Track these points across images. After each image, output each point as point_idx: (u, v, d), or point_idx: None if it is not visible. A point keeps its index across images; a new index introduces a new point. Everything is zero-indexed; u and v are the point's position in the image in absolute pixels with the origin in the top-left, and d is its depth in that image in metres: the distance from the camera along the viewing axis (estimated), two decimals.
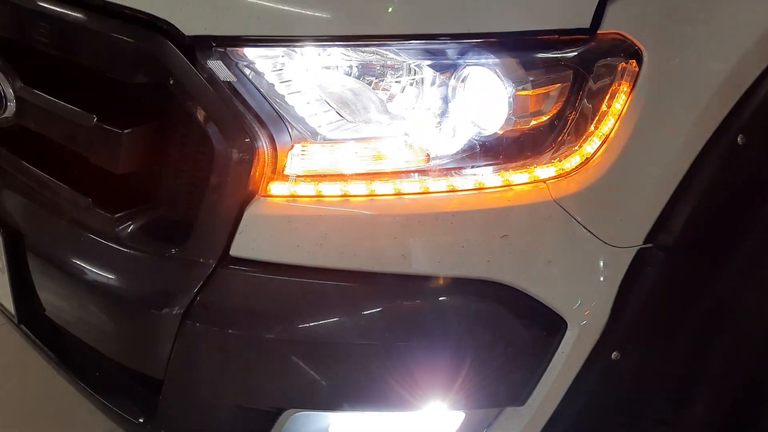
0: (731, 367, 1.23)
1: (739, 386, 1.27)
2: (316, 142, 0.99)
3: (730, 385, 1.25)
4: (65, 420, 1.88)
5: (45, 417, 1.88)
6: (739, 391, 1.28)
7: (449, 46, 0.96)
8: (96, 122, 1.07)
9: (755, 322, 1.21)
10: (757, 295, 1.18)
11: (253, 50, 0.96)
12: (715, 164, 1.03)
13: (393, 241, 0.98)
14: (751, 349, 1.24)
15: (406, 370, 1.01)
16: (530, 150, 0.99)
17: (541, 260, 1.00)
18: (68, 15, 1.06)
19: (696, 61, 1.02)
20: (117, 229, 1.10)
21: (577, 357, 1.04)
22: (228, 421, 1.11)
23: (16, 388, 1.97)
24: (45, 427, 1.85)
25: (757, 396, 1.34)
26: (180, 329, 1.03)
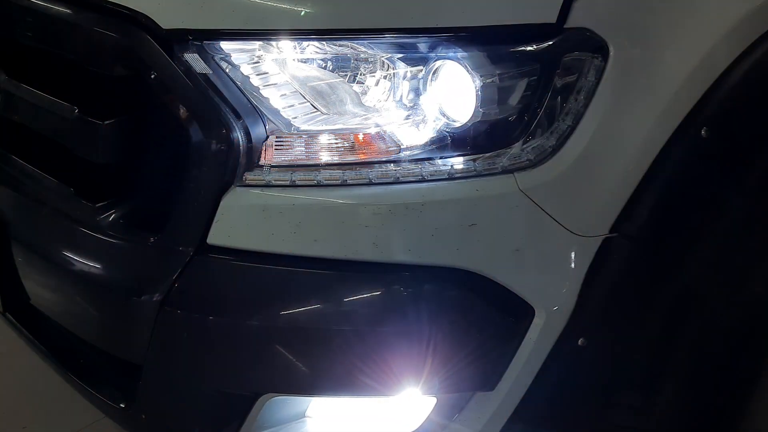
0: (699, 355, 1.26)
1: (708, 374, 1.30)
2: (291, 133, 1.02)
3: (698, 372, 1.28)
4: (54, 408, 1.90)
5: (34, 405, 1.90)
6: (708, 379, 1.31)
7: (420, 40, 0.98)
8: (77, 113, 1.10)
9: (721, 311, 1.24)
10: (722, 285, 1.21)
11: (228, 43, 0.99)
12: (679, 156, 1.05)
13: (365, 229, 1.01)
14: (718, 337, 1.27)
15: (378, 355, 1.04)
16: (498, 141, 1.01)
17: (508, 249, 1.03)
18: (50, 8, 1.09)
19: (661, 56, 1.04)
20: (98, 218, 1.12)
21: (545, 343, 1.07)
22: (206, 406, 1.13)
23: (3, 377, 1.98)
24: (34, 414, 1.87)
25: (725, 383, 1.37)
26: (159, 316, 1.06)
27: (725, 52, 1.06)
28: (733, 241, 1.15)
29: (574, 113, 1.01)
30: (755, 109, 1.10)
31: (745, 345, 1.36)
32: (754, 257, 1.22)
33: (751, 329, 1.33)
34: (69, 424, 1.86)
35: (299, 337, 1.04)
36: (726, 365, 1.34)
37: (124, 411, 1.21)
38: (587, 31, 1.00)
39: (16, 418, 1.86)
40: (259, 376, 1.08)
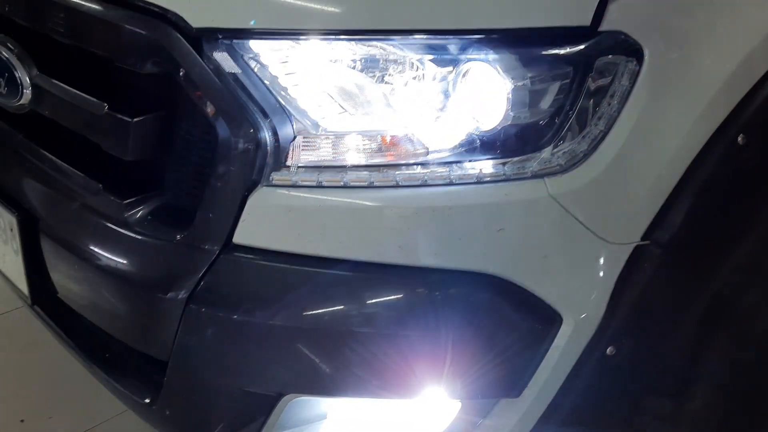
0: (730, 364, 1.24)
1: (739, 383, 1.28)
2: (318, 133, 1.02)
3: (729, 381, 1.26)
4: (79, 398, 1.94)
5: (61, 395, 1.94)
6: (738, 388, 1.29)
7: (451, 42, 0.97)
8: (107, 110, 1.11)
9: (754, 320, 1.22)
10: (756, 293, 1.19)
11: (258, 43, 0.99)
12: (714, 163, 1.04)
13: (391, 232, 1.00)
14: (750, 346, 1.25)
15: (402, 359, 1.04)
16: (528, 145, 1.00)
17: (536, 255, 1.02)
18: (82, 5, 1.09)
19: (698, 61, 1.02)
20: (126, 215, 1.13)
21: (572, 351, 1.06)
22: (229, 404, 1.14)
23: (33, 367, 2.03)
24: (61, 405, 1.91)
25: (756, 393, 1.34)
26: (184, 313, 1.07)
27: (764, 57, 1.04)
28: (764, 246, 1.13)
29: (607, 118, 1.00)
30: None
31: None
32: None
33: None
34: (93, 414, 1.90)
35: (324, 338, 1.04)
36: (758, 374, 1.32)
37: (148, 406, 1.22)
38: (622, 35, 0.98)
39: (42, 407, 1.90)
40: (283, 376, 1.08)
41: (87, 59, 1.17)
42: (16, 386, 1.97)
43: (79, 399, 1.94)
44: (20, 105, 1.26)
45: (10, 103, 1.27)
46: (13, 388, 1.96)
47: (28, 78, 1.23)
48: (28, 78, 1.23)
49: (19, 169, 1.32)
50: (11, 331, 2.17)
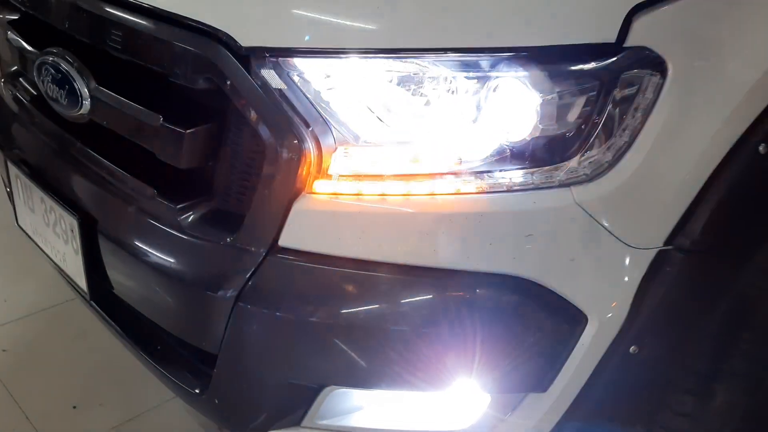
0: (752, 365, 1.28)
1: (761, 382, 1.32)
2: (358, 144, 1.08)
3: (751, 381, 1.30)
4: (128, 387, 2.02)
5: (110, 384, 2.03)
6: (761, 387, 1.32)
7: (482, 59, 1.02)
8: (162, 122, 1.19)
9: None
10: None
11: (302, 61, 1.05)
12: (735, 172, 1.08)
13: (426, 237, 1.07)
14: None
15: (436, 355, 1.10)
16: (556, 155, 1.05)
17: (563, 259, 1.07)
18: (140, 24, 1.17)
19: (720, 74, 1.06)
20: (179, 218, 1.21)
21: (597, 350, 1.11)
22: (274, 394, 1.22)
23: (82, 357, 2.12)
24: (110, 393, 2.00)
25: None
26: (233, 310, 1.14)
27: None
28: None
29: (631, 129, 1.05)
30: None
31: None
32: None
33: None
34: (141, 401, 1.98)
35: (362, 335, 1.11)
36: None
37: (198, 395, 1.30)
38: (646, 50, 1.02)
39: (92, 395, 1.98)
40: (324, 369, 1.16)
41: (142, 73, 1.25)
42: (68, 375, 2.06)
43: (128, 387, 2.02)
44: (79, 115, 1.35)
45: (69, 113, 1.36)
46: (65, 376, 2.05)
47: (87, 90, 1.32)
48: (87, 90, 1.32)
49: (78, 174, 1.40)
50: (62, 323, 2.26)
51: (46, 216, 1.47)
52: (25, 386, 2.01)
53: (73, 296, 2.36)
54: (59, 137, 1.45)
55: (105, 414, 1.93)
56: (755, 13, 1.09)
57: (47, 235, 1.49)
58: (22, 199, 1.56)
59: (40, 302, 2.33)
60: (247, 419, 1.28)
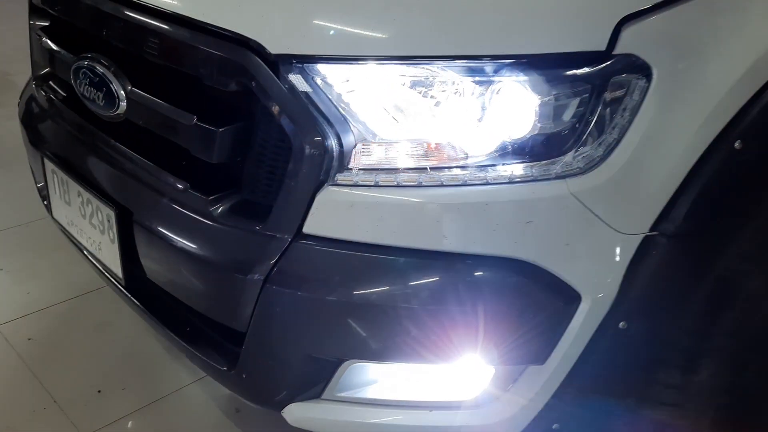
0: (735, 343, 1.39)
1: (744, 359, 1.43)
2: (375, 141, 1.19)
3: (733, 356, 1.40)
4: (150, 372, 2.12)
5: (133, 369, 2.13)
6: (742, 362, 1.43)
7: (486, 65, 1.13)
8: (196, 121, 1.30)
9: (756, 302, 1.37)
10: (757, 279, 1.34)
11: (325, 66, 1.16)
12: (714, 166, 1.19)
13: (436, 224, 1.18)
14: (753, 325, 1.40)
15: (446, 331, 1.21)
16: (553, 151, 1.16)
17: (560, 243, 1.18)
18: (178, 33, 1.29)
19: (700, 77, 1.18)
20: (210, 209, 1.32)
21: (590, 325, 1.22)
22: (297, 369, 1.33)
23: (104, 345, 2.21)
24: (133, 377, 2.10)
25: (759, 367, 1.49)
26: (261, 291, 1.25)
27: (757, 76, 1.20)
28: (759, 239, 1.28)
29: (620, 127, 1.16)
30: None
31: None
32: None
33: None
34: (162, 386, 2.06)
35: (378, 312, 1.22)
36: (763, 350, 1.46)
37: (227, 372, 1.41)
38: (633, 57, 1.14)
39: (116, 379, 2.07)
40: (343, 344, 1.26)
41: (177, 77, 1.37)
42: (93, 361, 2.15)
43: (149, 373, 2.12)
44: (116, 115, 1.46)
45: (106, 113, 1.47)
46: (89, 362, 2.14)
47: (123, 92, 1.43)
48: (124, 92, 1.43)
49: (113, 169, 1.51)
50: (83, 314, 2.35)
51: (83, 208, 1.58)
52: (51, 372, 2.10)
53: (92, 288, 2.48)
54: (93, 135, 1.56)
55: (128, 398, 2.02)
56: (731, 22, 1.20)
57: (83, 226, 1.61)
58: (58, 193, 1.68)
59: (62, 294, 2.42)
60: (272, 392, 1.40)
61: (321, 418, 1.37)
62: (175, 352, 2.20)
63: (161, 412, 2.01)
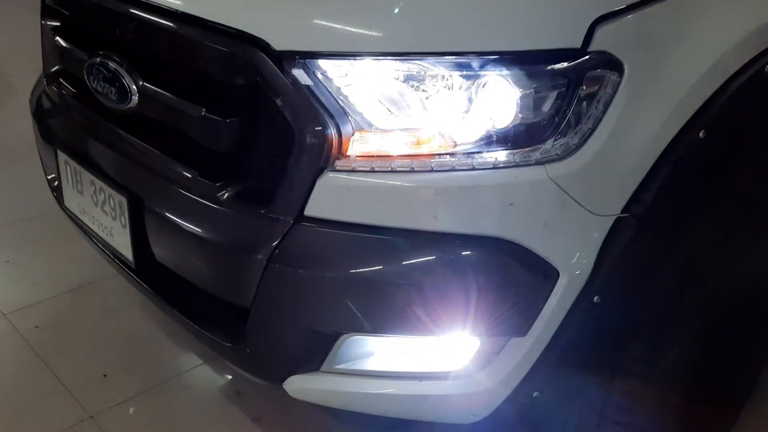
0: (702, 319, 1.50)
1: (710, 335, 1.54)
2: (371, 131, 1.28)
3: (701, 333, 1.52)
4: (153, 358, 2.22)
5: (137, 355, 2.22)
6: (711, 339, 1.55)
7: (473, 60, 1.23)
8: (204, 113, 1.40)
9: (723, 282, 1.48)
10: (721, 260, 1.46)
11: (326, 62, 1.26)
12: (680, 153, 1.30)
13: (427, 206, 1.27)
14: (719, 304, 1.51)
15: (437, 304, 1.31)
16: (533, 139, 1.26)
17: (539, 224, 1.28)
18: (189, 31, 1.38)
19: (667, 73, 1.29)
20: (217, 194, 1.40)
21: (567, 299, 1.31)
22: (298, 342, 1.42)
23: (108, 332, 2.30)
24: (137, 363, 2.19)
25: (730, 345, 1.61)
26: (265, 270, 1.35)
27: (720, 72, 1.31)
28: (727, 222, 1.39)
29: (594, 118, 1.27)
30: (744, 117, 1.34)
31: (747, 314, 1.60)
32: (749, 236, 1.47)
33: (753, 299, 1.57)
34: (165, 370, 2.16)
35: (374, 288, 1.31)
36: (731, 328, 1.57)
37: (231, 347, 1.51)
38: (606, 53, 1.24)
39: (121, 365, 2.16)
40: (341, 318, 1.35)
41: (184, 71, 1.46)
42: (99, 347, 2.24)
43: (152, 358, 2.21)
44: (128, 108, 1.56)
45: (119, 106, 1.57)
46: (95, 348, 2.24)
47: (135, 87, 1.53)
48: (136, 87, 1.53)
49: (124, 158, 1.61)
50: (88, 303, 2.44)
51: (95, 196, 1.68)
52: (58, 357, 2.19)
53: (96, 279, 2.56)
54: (104, 127, 1.66)
55: (132, 381, 2.11)
56: (696, 22, 1.32)
57: (95, 213, 1.70)
58: (70, 183, 1.77)
59: (66, 285, 2.50)
60: (274, 366, 1.49)
61: (320, 389, 1.47)
62: (177, 338, 2.30)
63: (165, 394, 2.09)
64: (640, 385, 1.49)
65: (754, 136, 1.39)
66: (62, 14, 1.80)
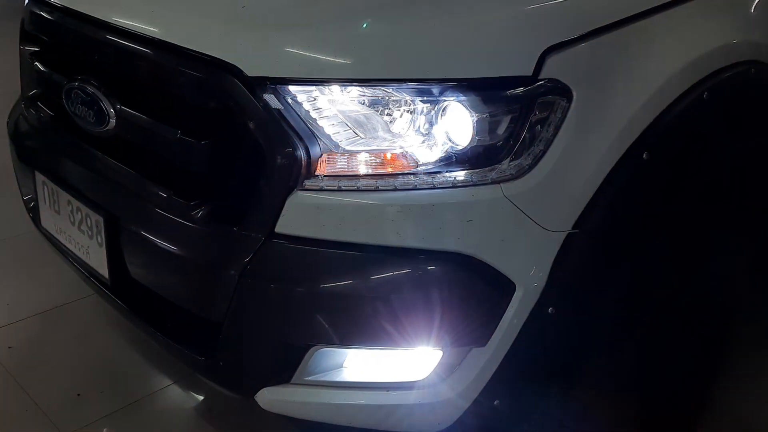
0: (653, 331, 1.58)
1: (661, 345, 1.62)
2: (338, 152, 1.35)
3: (652, 343, 1.60)
4: (127, 377, 2.23)
5: (111, 374, 2.23)
6: (661, 349, 1.63)
7: (433, 87, 1.31)
8: (179, 135, 1.47)
9: (670, 294, 1.57)
10: (670, 272, 1.54)
11: (295, 87, 1.33)
12: (626, 173, 1.38)
13: (391, 223, 1.34)
14: (671, 317, 1.60)
15: (400, 316, 1.36)
16: (489, 160, 1.33)
17: (496, 239, 1.35)
18: (164, 57, 1.45)
19: (613, 98, 1.38)
20: (191, 213, 1.46)
21: (523, 311, 1.38)
22: (269, 355, 1.47)
23: (82, 353, 2.31)
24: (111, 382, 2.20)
25: (675, 353, 1.69)
26: (237, 285, 1.40)
27: (663, 98, 1.41)
28: (671, 236, 1.48)
29: (545, 141, 1.35)
30: (684, 140, 1.44)
31: (696, 326, 1.68)
32: (693, 251, 1.56)
33: (702, 313, 1.66)
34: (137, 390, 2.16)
35: (341, 301, 1.37)
36: (681, 341, 1.66)
37: (204, 361, 1.56)
38: (556, 81, 1.33)
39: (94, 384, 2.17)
40: (310, 331, 1.40)
41: (160, 95, 1.53)
42: (70, 368, 2.24)
43: (126, 377, 2.22)
44: (105, 131, 1.62)
45: (96, 129, 1.63)
46: (67, 369, 2.24)
47: (112, 110, 1.59)
48: (113, 110, 1.59)
49: (100, 179, 1.66)
50: (62, 324, 2.44)
51: (72, 216, 1.73)
52: (31, 378, 2.18)
53: (70, 300, 2.58)
54: (81, 148, 1.71)
55: (106, 400, 2.11)
56: (640, 52, 1.42)
57: (72, 232, 1.75)
58: (47, 203, 1.82)
59: (40, 306, 2.50)
60: (246, 379, 1.54)
61: (291, 401, 1.52)
62: (151, 357, 2.32)
63: (138, 413, 2.10)
64: (596, 395, 1.56)
65: (694, 157, 1.49)
66: (41, 40, 1.86)
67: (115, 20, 1.56)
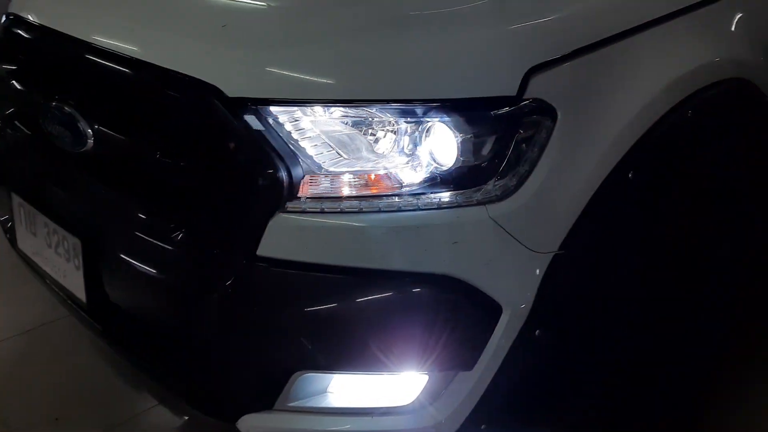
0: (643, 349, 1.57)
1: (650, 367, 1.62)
2: (321, 173, 1.33)
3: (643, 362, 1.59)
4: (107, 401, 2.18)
5: (90, 398, 2.19)
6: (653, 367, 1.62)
7: (417, 107, 1.30)
8: (159, 155, 1.44)
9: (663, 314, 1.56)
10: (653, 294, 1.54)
11: (277, 108, 1.31)
12: (611, 193, 1.38)
13: (376, 245, 1.32)
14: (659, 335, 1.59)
15: (385, 340, 1.35)
16: (474, 181, 1.32)
17: (482, 261, 1.33)
18: (144, 77, 1.43)
19: (598, 118, 1.38)
20: (171, 235, 1.44)
21: (510, 333, 1.36)
22: (251, 380, 1.44)
23: (60, 375, 2.26)
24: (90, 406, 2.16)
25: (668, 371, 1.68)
26: (219, 309, 1.38)
27: (648, 117, 1.41)
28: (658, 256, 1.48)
29: (530, 161, 1.34)
30: (669, 159, 1.44)
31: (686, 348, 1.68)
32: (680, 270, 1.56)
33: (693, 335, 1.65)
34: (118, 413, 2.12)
35: (325, 326, 1.35)
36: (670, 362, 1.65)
37: (185, 387, 1.53)
38: (540, 101, 1.32)
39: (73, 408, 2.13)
40: (293, 356, 1.38)
41: (140, 115, 1.50)
42: (48, 391, 2.20)
43: (105, 401, 2.17)
44: (84, 151, 1.59)
45: (75, 149, 1.60)
46: (45, 392, 2.20)
47: (90, 131, 1.56)
48: (91, 131, 1.56)
49: (78, 200, 1.64)
50: (40, 345, 2.40)
51: (48, 238, 1.69)
52: (7, 402, 2.15)
53: (47, 321, 2.53)
54: (58, 169, 1.68)
55: (85, 424, 2.08)
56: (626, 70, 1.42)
57: (48, 255, 1.71)
58: (24, 225, 1.78)
59: (15, 328, 2.46)
60: (227, 405, 1.51)
61: (274, 427, 1.48)
62: (131, 379, 2.28)
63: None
64: (585, 419, 1.54)
65: (680, 176, 1.49)
66: (18, 59, 1.83)
67: (94, 39, 1.54)
